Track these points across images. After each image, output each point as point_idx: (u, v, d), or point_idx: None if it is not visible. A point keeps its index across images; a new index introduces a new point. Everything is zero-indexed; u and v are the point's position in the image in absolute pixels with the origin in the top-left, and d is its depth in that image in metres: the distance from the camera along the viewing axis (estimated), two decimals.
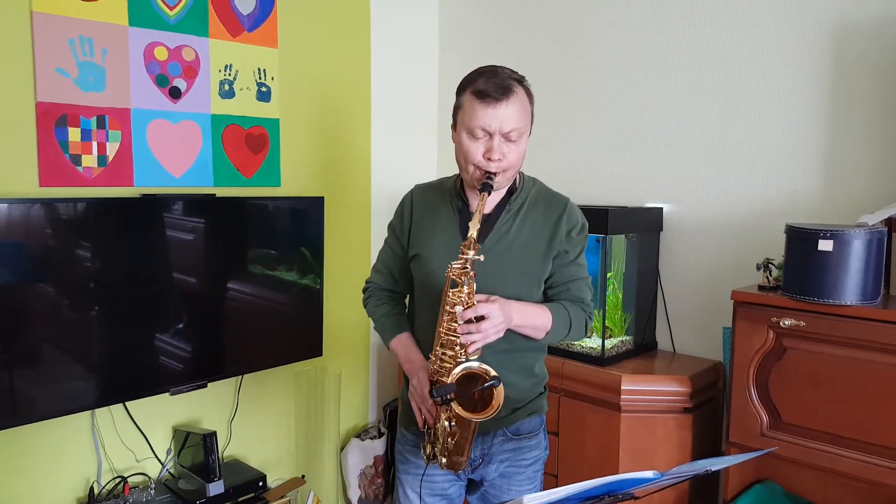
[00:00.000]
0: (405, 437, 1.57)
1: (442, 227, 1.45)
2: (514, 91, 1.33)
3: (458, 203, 1.46)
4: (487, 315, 1.27)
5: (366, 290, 1.61)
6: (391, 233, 1.56)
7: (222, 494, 2.11)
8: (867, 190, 1.91)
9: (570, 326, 1.44)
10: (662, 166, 2.33)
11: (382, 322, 1.54)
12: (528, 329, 1.40)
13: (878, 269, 1.61)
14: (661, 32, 2.31)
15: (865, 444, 1.60)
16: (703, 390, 2.06)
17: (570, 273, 1.47)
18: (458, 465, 1.39)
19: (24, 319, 1.80)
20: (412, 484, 1.53)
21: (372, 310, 1.58)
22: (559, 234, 1.43)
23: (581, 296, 1.48)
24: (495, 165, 1.34)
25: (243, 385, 2.40)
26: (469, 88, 1.35)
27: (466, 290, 1.28)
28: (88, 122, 1.98)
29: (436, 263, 1.42)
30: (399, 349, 1.50)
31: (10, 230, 1.75)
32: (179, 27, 2.15)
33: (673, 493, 2.00)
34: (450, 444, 1.34)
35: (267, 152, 2.41)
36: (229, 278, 2.22)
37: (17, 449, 1.92)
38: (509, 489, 1.50)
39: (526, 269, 1.43)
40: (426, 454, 1.42)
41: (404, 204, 1.54)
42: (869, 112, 1.90)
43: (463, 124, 1.36)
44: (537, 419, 1.53)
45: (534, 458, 1.52)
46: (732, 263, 2.16)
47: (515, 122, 1.34)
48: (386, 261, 1.57)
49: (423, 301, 1.49)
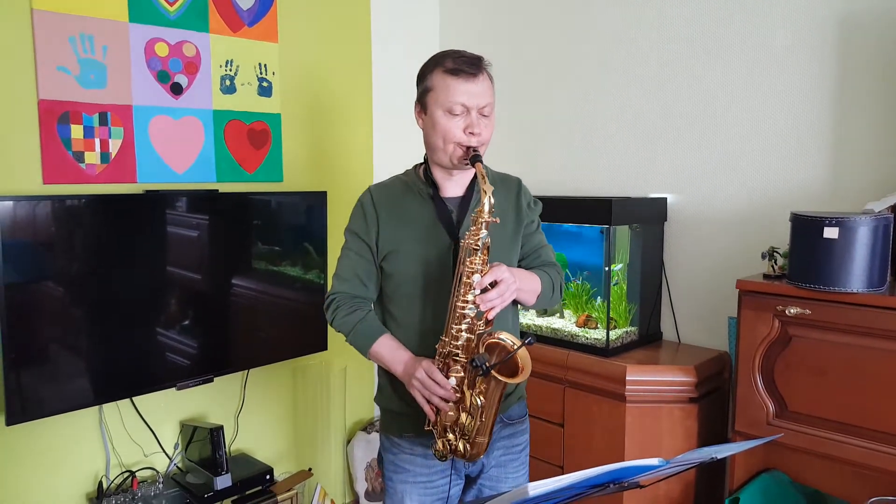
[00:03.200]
0: (397, 444, 1.48)
1: (415, 219, 1.43)
2: (482, 68, 1.38)
3: (429, 190, 1.45)
4: (500, 279, 1.29)
5: (330, 305, 1.47)
6: (354, 237, 1.47)
7: (230, 488, 2.12)
8: (873, 177, 1.89)
9: (553, 288, 1.50)
10: (666, 156, 2.32)
11: (358, 329, 1.43)
12: (527, 293, 1.43)
13: (884, 256, 1.60)
14: (665, 25, 2.29)
15: (871, 431, 1.60)
16: (708, 380, 2.05)
17: (536, 241, 1.54)
18: (482, 449, 1.34)
19: (31, 316, 1.81)
20: (411, 493, 1.46)
21: (342, 320, 1.44)
22: (522, 207, 1.51)
23: (551, 260, 1.56)
24: (476, 140, 1.36)
25: (249, 379, 2.41)
26: (438, 69, 1.37)
27: (481, 258, 1.29)
28: (91, 119, 1.98)
29: (417, 255, 1.41)
30: (384, 352, 1.41)
31: (15, 227, 1.76)
32: (180, 23, 2.15)
33: (679, 483, 2.00)
34: (476, 424, 1.30)
35: (269, 147, 2.41)
36: (233, 274, 2.23)
37: (26, 445, 1.94)
38: (506, 478, 1.51)
39: (504, 244, 1.46)
40: (439, 452, 1.36)
41: (364, 205, 1.47)
42: (874, 100, 1.88)
43: (438, 104, 1.36)
44: (523, 404, 1.57)
45: (524, 442, 1.56)
46: (737, 252, 2.16)
47: (488, 97, 1.38)
48: (351, 268, 1.46)
49: (406, 297, 1.44)
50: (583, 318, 2.31)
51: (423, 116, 1.42)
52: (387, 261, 1.44)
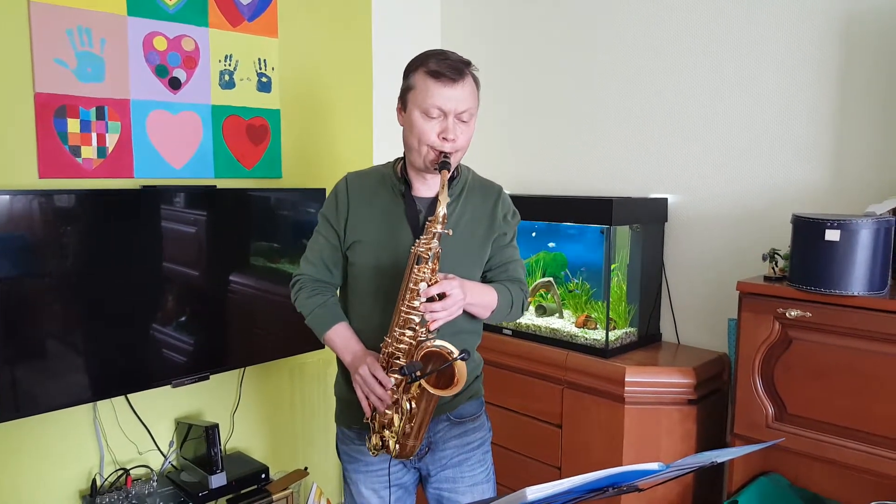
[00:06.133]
0: (347, 435, 1.53)
1: (384, 212, 1.44)
2: (466, 73, 1.36)
3: (402, 187, 1.44)
4: (449, 293, 1.28)
5: (295, 284, 1.52)
6: (324, 222, 1.49)
7: (225, 487, 2.11)
8: (874, 180, 1.88)
9: (511, 305, 1.49)
10: (667, 157, 2.31)
11: (316, 313, 1.47)
12: (477, 308, 1.42)
13: (885, 259, 1.59)
14: (665, 24, 2.28)
15: (871, 435, 1.59)
16: (707, 382, 2.05)
17: (506, 255, 1.52)
18: (411, 451, 1.37)
19: (26, 311, 1.79)
20: (365, 482, 1.52)
21: (303, 302, 1.48)
22: (497, 217, 1.49)
23: (518, 276, 1.54)
24: (450, 146, 1.34)
25: (245, 377, 2.39)
26: (421, 69, 1.36)
27: (430, 267, 1.29)
28: (88, 114, 1.97)
29: (379, 249, 1.42)
30: (337, 340, 1.44)
31: (10, 222, 1.74)
32: (179, 17, 2.13)
33: (677, 485, 1.99)
34: (407, 428, 1.33)
35: (268, 143, 2.40)
36: (231, 270, 2.21)
37: (19, 441, 1.92)
38: (462, 477, 1.51)
39: (468, 251, 1.45)
40: (373, 445, 1.40)
41: (338, 192, 1.48)
42: (876, 102, 1.87)
43: (416, 104, 1.36)
44: (476, 402, 1.57)
45: (480, 439, 1.55)
46: (738, 254, 2.15)
47: (469, 103, 1.36)
48: (319, 251, 1.49)
49: (364, 289, 1.45)
50: (582, 319, 2.30)
51: (402, 113, 1.42)
52: (351, 250, 1.46)
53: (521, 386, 2.24)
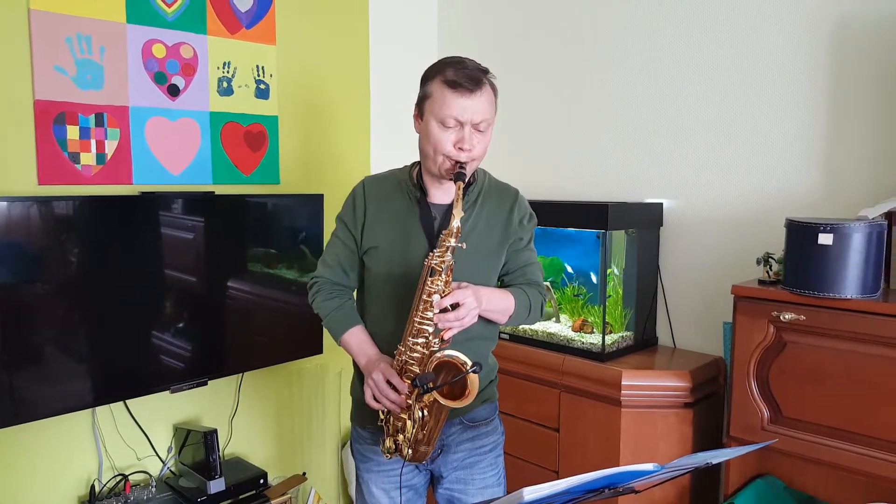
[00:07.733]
0: (362, 435, 1.55)
1: (399, 218, 1.44)
2: (483, 83, 1.35)
3: (417, 193, 1.45)
4: (462, 302, 1.28)
5: (312, 286, 1.54)
6: (342, 226, 1.50)
7: (223, 492, 2.11)
8: (867, 184, 1.90)
9: (529, 308, 1.48)
10: (662, 162, 2.33)
11: (333, 316, 1.48)
12: (494, 313, 1.42)
13: (878, 262, 1.61)
14: (660, 30, 2.31)
15: (866, 437, 1.60)
16: (703, 385, 2.06)
17: (524, 258, 1.52)
18: (423, 456, 1.38)
19: (24, 318, 1.80)
20: (376, 482, 1.53)
21: (321, 304, 1.50)
22: (513, 222, 1.48)
23: (536, 279, 1.53)
24: (465, 155, 1.35)
25: (244, 383, 2.40)
26: (438, 77, 1.35)
27: (444, 279, 1.29)
28: (87, 120, 1.98)
29: (394, 255, 1.42)
30: (353, 343, 1.45)
31: (9, 228, 1.75)
32: (177, 24, 2.15)
33: (674, 488, 2.00)
34: (420, 435, 1.33)
35: (266, 150, 2.41)
36: (229, 276, 2.22)
37: (18, 447, 1.92)
38: (473, 479, 1.52)
39: (485, 256, 1.46)
40: (386, 448, 1.41)
41: (356, 196, 1.49)
42: (868, 106, 1.90)
43: (433, 114, 1.35)
44: (490, 406, 1.56)
45: (493, 443, 1.55)
46: (732, 258, 2.16)
47: (486, 113, 1.35)
48: (336, 255, 1.50)
49: (379, 294, 1.47)
50: (578, 323, 2.31)
51: (419, 121, 1.42)
52: (367, 255, 1.47)
53: (518, 390, 2.25)
